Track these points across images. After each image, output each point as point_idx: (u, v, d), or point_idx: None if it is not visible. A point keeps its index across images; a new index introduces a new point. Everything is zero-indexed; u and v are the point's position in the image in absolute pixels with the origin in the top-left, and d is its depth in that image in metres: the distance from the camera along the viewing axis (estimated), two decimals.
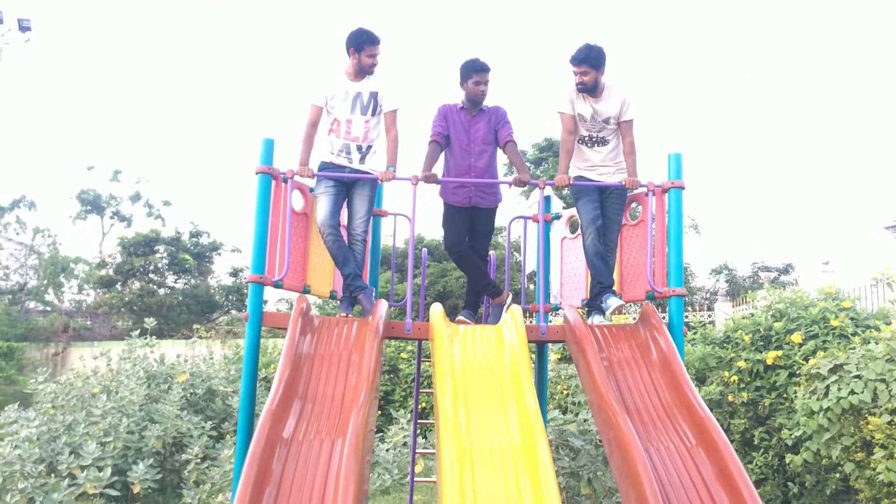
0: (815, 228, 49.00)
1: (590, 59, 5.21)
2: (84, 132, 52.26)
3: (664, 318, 4.86)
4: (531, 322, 5.55)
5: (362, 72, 5.29)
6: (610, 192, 5.32)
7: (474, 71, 5.51)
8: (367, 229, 5.32)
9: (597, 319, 5.10)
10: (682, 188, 4.95)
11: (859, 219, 50.22)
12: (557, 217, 5.90)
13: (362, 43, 5.21)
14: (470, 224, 5.56)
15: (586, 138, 5.36)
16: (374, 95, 5.29)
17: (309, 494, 3.53)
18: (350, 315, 5.12)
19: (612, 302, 5.02)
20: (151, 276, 26.45)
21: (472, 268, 5.57)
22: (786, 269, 26.67)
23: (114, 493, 7.67)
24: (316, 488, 3.56)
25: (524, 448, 3.76)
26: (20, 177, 46.83)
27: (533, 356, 5.75)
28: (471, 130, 5.52)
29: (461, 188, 5.50)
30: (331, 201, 5.14)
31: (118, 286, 26.41)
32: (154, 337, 11.85)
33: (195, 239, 27.60)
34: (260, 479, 3.50)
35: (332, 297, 5.60)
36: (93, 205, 30.61)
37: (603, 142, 5.36)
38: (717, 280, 27.03)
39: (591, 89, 5.26)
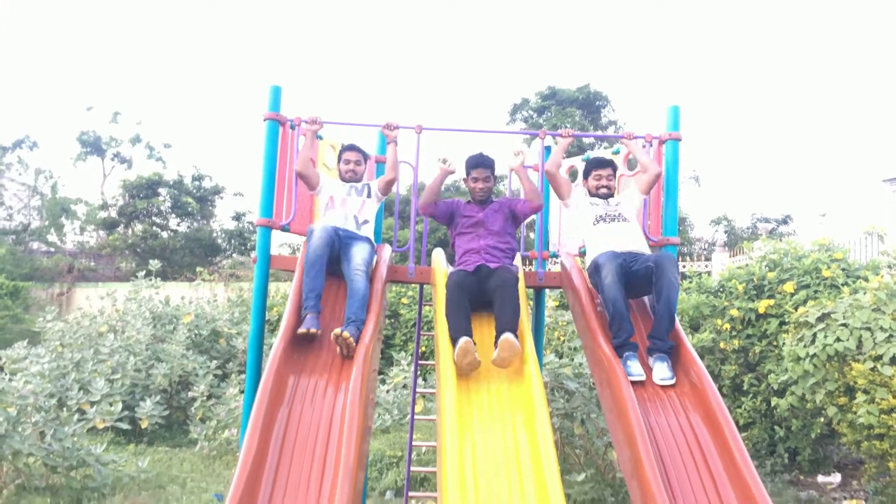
0: (816, 180, 48.96)
1: (613, 164, 5.05)
2: (83, 71, 51.83)
3: None
4: (530, 269, 5.72)
5: (349, 180, 5.20)
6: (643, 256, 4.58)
7: (471, 167, 5.07)
8: (371, 263, 4.80)
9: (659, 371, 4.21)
10: (680, 140, 5.07)
11: (859, 171, 50.16)
12: None
13: (340, 152, 5.27)
14: (479, 288, 4.67)
15: (603, 216, 4.82)
16: (366, 185, 5.23)
17: (316, 428, 3.72)
18: (315, 329, 4.30)
19: (660, 373, 4.19)
20: (154, 218, 26.60)
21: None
22: (784, 221, 26.82)
23: (124, 426, 7.94)
24: (323, 422, 3.76)
25: (523, 402, 3.93)
26: (21, 116, 46.55)
27: (531, 302, 5.92)
28: (486, 222, 4.96)
29: (470, 255, 4.89)
30: (325, 233, 4.69)
31: (121, 228, 26.58)
32: (158, 279, 12.07)
33: (197, 182, 27.65)
34: (270, 413, 3.69)
35: None
36: (93, 146, 30.58)
37: (622, 218, 4.81)
38: (716, 231, 27.19)
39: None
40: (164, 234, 26.34)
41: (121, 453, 7.58)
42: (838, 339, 5.57)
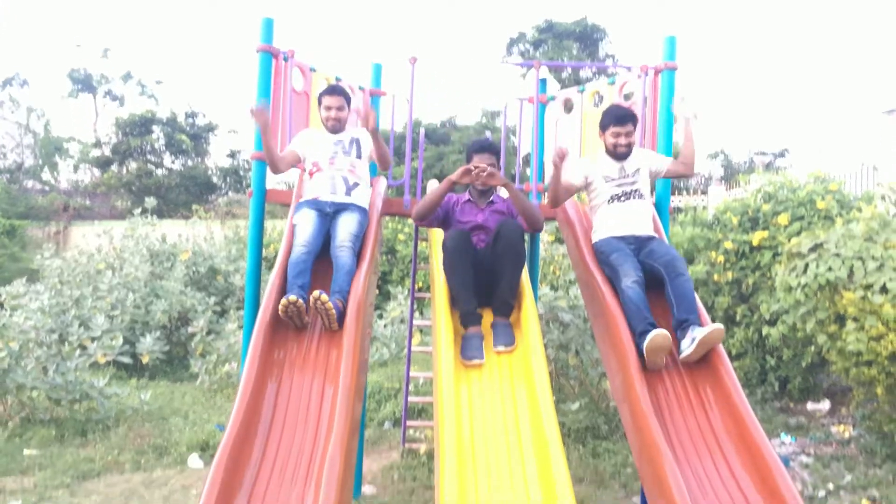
0: (815, 112, 48.55)
1: (634, 117, 4.51)
2: (71, 6, 50.76)
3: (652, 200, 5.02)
4: None
5: (332, 128, 4.77)
6: (648, 245, 4.29)
7: (473, 151, 4.59)
8: (360, 233, 4.45)
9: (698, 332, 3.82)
10: (675, 69, 5.01)
11: (858, 103, 49.69)
12: (552, 98, 5.96)
13: (319, 96, 4.81)
14: (487, 267, 4.32)
15: (619, 195, 4.40)
16: (355, 140, 4.77)
17: (313, 360, 3.80)
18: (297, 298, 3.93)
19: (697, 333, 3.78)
20: (148, 156, 26.45)
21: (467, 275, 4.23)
22: (782, 154, 26.73)
23: (125, 360, 8.05)
24: (320, 356, 3.83)
25: (523, 368, 3.92)
26: (10, 53, 45.74)
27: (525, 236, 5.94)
28: (487, 227, 4.52)
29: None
30: (310, 228, 4.40)
31: (115, 167, 26.44)
32: (154, 216, 12.08)
33: (191, 119, 27.40)
34: (268, 346, 3.76)
35: None
36: (84, 84, 30.22)
37: (638, 195, 4.41)
38: (713, 164, 27.09)
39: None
40: (159, 172, 26.22)
41: (123, 387, 7.71)
42: (830, 269, 5.61)
